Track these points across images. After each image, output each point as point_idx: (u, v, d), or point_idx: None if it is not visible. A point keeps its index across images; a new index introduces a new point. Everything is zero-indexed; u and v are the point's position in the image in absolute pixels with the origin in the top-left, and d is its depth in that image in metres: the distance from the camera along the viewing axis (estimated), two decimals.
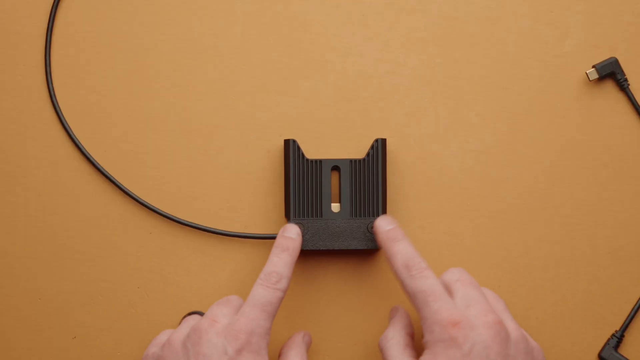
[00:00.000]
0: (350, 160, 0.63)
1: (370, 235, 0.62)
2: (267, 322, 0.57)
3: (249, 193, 0.65)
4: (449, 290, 0.58)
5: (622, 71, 0.64)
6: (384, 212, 0.62)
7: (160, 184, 0.64)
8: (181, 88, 0.65)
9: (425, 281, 0.57)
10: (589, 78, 0.64)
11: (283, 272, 0.59)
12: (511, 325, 0.57)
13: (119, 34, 0.65)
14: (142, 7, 0.65)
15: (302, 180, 0.63)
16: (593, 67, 0.64)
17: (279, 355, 0.61)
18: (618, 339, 0.63)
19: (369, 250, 0.63)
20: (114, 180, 0.64)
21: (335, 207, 0.63)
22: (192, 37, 0.65)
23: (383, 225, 0.61)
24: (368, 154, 0.63)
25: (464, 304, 0.57)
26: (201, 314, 0.61)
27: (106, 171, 0.64)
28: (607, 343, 0.63)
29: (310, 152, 0.65)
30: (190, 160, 0.65)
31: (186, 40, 0.65)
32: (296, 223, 0.62)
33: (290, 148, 0.62)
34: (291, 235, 0.61)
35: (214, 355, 0.55)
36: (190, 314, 0.62)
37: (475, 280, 0.59)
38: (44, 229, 0.64)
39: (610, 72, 0.64)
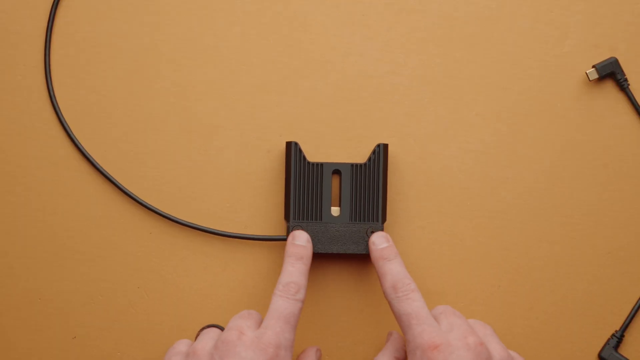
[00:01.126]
0: (352, 165, 0.63)
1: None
2: (291, 334, 0.57)
3: (249, 193, 0.65)
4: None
5: (622, 71, 0.64)
6: (384, 217, 0.63)
7: (160, 184, 0.64)
8: (181, 88, 0.65)
9: (410, 304, 0.57)
10: (589, 78, 0.64)
11: (300, 282, 0.59)
12: (496, 347, 0.57)
13: (119, 34, 0.65)
14: (142, 7, 0.65)
15: (303, 183, 0.63)
16: (593, 67, 0.64)
17: None
18: (618, 339, 0.63)
19: (367, 254, 0.63)
20: (113, 180, 0.64)
21: (335, 210, 0.63)
22: (192, 37, 0.65)
23: (377, 243, 0.61)
24: (369, 159, 0.63)
25: (447, 329, 0.57)
26: (219, 327, 0.61)
27: (106, 171, 0.64)
28: (607, 343, 0.63)
29: (310, 152, 0.65)
30: (190, 160, 0.65)
31: (186, 40, 0.65)
32: (296, 225, 0.62)
33: (292, 150, 0.62)
34: (302, 243, 0.61)
35: None
36: (207, 327, 0.62)
37: (459, 312, 0.60)
38: (44, 229, 0.64)
39: (610, 72, 0.64)
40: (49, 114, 0.65)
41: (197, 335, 0.60)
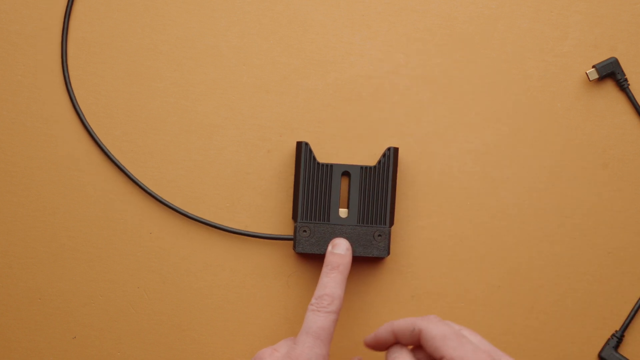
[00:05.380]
0: (361, 167, 0.63)
1: (377, 243, 0.63)
2: (322, 349, 0.58)
3: (249, 193, 0.65)
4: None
5: (622, 71, 0.65)
6: (392, 221, 0.63)
7: (160, 184, 0.65)
8: (181, 88, 0.65)
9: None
10: (589, 78, 0.64)
11: (335, 293, 0.59)
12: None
13: (120, 35, 0.66)
14: (142, 7, 0.66)
15: (312, 184, 0.63)
16: (593, 67, 0.64)
17: None
18: (618, 339, 0.64)
19: (374, 257, 0.63)
20: (124, 170, 0.64)
21: (343, 212, 0.63)
22: (192, 37, 0.65)
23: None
24: (379, 162, 0.63)
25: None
26: None
27: (118, 161, 0.64)
28: (607, 343, 0.64)
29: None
30: (190, 160, 0.65)
31: (186, 40, 0.65)
32: (303, 226, 0.63)
33: (302, 150, 0.63)
34: (341, 251, 0.62)
35: None
36: None
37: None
38: (44, 229, 0.65)
39: (610, 72, 0.64)
40: (55, 114, 0.66)
41: None
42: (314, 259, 0.65)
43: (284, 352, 0.58)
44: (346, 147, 0.65)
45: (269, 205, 0.65)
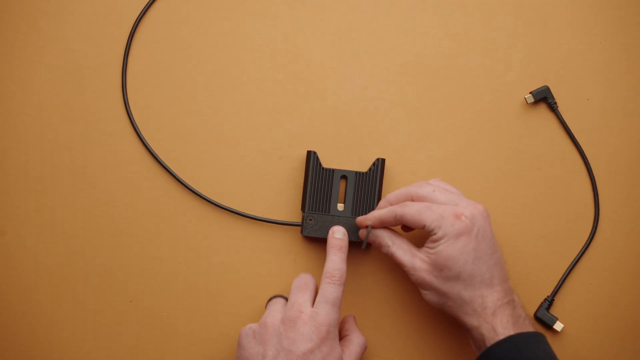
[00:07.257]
0: (356, 173, 0.66)
1: (364, 230, 0.65)
2: (337, 314, 0.60)
3: (265, 190, 0.69)
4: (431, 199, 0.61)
5: (553, 96, 0.70)
6: None
7: (198, 184, 0.69)
8: (214, 109, 0.70)
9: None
10: (527, 102, 0.69)
11: (343, 268, 0.61)
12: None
13: (166, 69, 0.70)
14: (184, 47, 0.70)
15: (317, 183, 0.66)
16: (530, 93, 0.69)
17: (341, 336, 0.65)
18: (549, 302, 0.69)
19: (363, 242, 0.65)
20: (170, 171, 0.68)
21: (340, 206, 0.67)
22: (222, 71, 0.70)
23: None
24: (370, 169, 0.66)
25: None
26: (284, 297, 0.65)
27: (166, 164, 0.68)
28: (540, 305, 0.69)
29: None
30: (221, 164, 0.69)
31: (218, 72, 0.69)
32: (309, 215, 0.66)
33: (311, 157, 0.67)
34: (340, 236, 0.64)
35: (301, 340, 0.58)
36: (274, 297, 0.66)
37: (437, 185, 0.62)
38: (107, 217, 0.69)
39: (544, 97, 0.69)
40: (116, 129, 0.69)
41: (267, 304, 0.64)
42: (316, 241, 0.69)
43: (309, 313, 0.59)
44: (339, 154, 0.69)
45: (279, 199, 0.69)
